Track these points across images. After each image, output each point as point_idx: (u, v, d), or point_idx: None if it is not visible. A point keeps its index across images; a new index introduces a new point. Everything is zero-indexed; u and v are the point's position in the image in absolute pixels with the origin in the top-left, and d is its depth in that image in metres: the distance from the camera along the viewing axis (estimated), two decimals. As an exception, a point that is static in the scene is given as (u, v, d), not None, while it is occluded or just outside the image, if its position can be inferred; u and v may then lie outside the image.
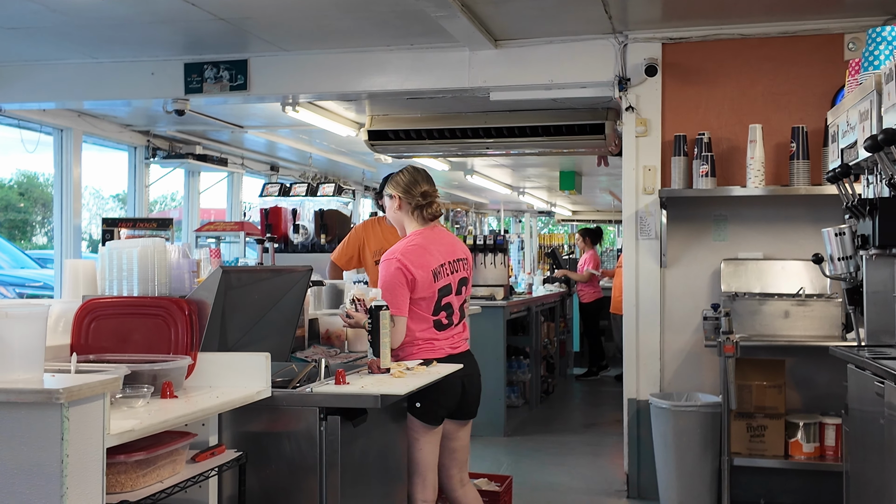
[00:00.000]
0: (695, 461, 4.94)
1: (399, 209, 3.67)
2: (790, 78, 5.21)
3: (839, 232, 3.84)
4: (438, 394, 3.41)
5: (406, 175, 3.69)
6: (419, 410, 3.44)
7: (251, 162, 10.20)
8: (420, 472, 3.49)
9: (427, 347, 3.53)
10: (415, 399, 3.39)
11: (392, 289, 3.42)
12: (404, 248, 3.51)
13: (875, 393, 3.09)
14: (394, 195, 3.67)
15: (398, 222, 3.73)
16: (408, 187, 3.64)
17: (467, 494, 3.76)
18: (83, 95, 6.28)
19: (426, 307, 3.52)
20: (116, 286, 2.97)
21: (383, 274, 3.47)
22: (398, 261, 3.46)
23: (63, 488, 1.93)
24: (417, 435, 3.48)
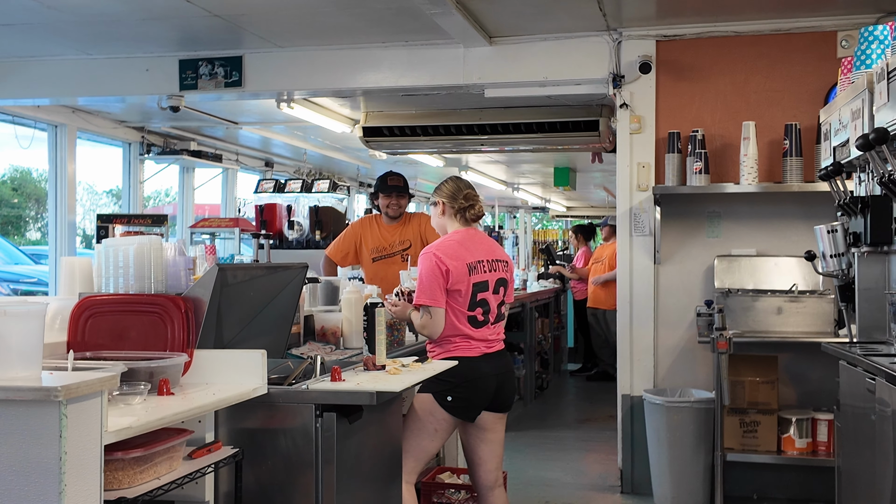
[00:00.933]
0: (688, 456, 4.97)
1: (443, 214, 3.80)
2: (783, 75, 5.23)
3: (831, 229, 3.87)
4: (471, 391, 3.56)
5: (451, 183, 3.85)
6: (450, 404, 3.55)
7: (246, 158, 10.20)
8: (420, 458, 3.60)
9: (464, 345, 3.61)
10: (446, 392, 3.53)
11: (428, 280, 3.55)
12: (440, 243, 3.67)
13: (866, 389, 3.12)
14: (438, 201, 3.81)
15: (441, 227, 3.85)
16: (453, 194, 3.79)
17: (500, 497, 3.83)
18: (78, 91, 6.27)
19: (462, 302, 3.59)
20: (113, 283, 2.98)
21: (421, 269, 3.59)
22: (433, 255, 3.59)
23: (61, 485, 1.94)
24: (437, 427, 3.59)
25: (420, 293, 3.57)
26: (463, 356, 3.58)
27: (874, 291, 3.67)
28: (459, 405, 3.58)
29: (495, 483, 3.80)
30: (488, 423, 3.72)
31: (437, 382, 3.48)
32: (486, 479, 3.78)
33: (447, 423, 3.61)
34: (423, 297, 3.56)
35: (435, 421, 3.59)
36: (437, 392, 3.55)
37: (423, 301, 3.55)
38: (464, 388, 3.56)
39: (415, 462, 3.61)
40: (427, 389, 3.57)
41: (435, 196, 3.86)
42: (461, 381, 3.55)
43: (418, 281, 3.60)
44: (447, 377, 3.45)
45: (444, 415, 3.58)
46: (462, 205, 3.77)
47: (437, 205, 3.82)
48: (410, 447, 3.59)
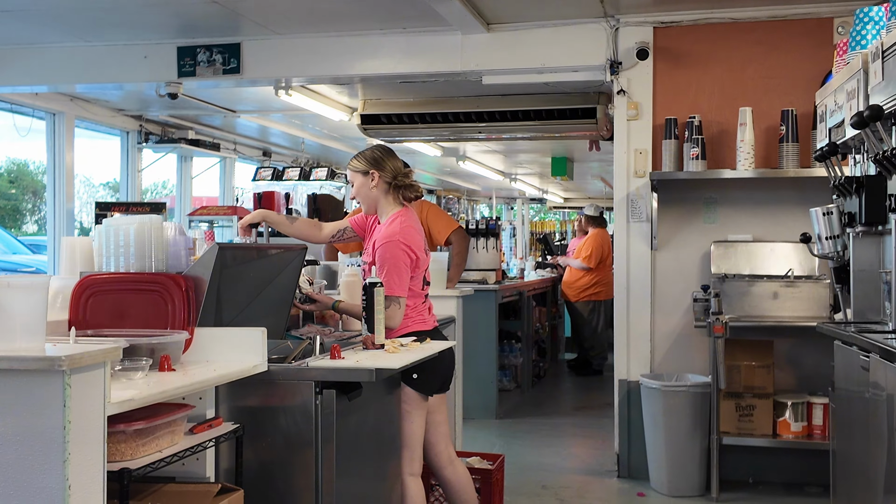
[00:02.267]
0: (684, 440, 5.00)
1: (375, 188, 3.56)
2: (780, 62, 5.26)
3: (827, 211, 3.90)
4: (435, 364, 3.45)
5: (389, 158, 3.61)
6: (416, 382, 3.47)
7: (244, 147, 10.21)
8: (410, 445, 3.52)
9: (419, 319, 3.60)
10: (411, 371, 3.41)
11: (399, 271, 3.44)
12: (402, 231, 3.50)
13: (860, 367, 3.15)
14: (371, 172, 3.55)
15: (370, 201, 3.61)
16: (394, 170, 3.58)
17: (457, 471, 3.78)
18: (76, 79, 6.28)
19: (417, 283, 3.58)
20: (113, 262, 3.00)
21: (388, 256, 3.44)
22: (402, 243, 3.46)
23: (65, 454, 1.96)
24: (410, 408, 3.50)
25: (391, 284, 3.41)
26: (419, 330, 3.55)
27: (869, 273, 3.69)
28: (424, 380, 3.49)
29: (448, 461, 3.76)
30: (433, 405, 3.66)
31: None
32: (439, 460, 3.74)
33: (418, 402, 3.53)
34: (396, 288, 3.43)
35: (407, 403, 3.51)
36: (403, 372, 3.38)
37: (395, 292, 3.42)
38: (428, 362, 3.39)
39: (408, 451, 3.53)
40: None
41: (364, 164, 3.56)
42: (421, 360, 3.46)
43: (386, 271, 3.42)
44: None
45: (412, 394, 3.50)
46: (402, 182, 3.59)
47: (367, 175, 3.55)
48: (401, 438, 3.54)
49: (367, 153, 3.61)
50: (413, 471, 3.53)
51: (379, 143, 3.75)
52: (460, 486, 3.77)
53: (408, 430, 3.52)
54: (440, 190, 16.27)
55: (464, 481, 3.79)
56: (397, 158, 3.65)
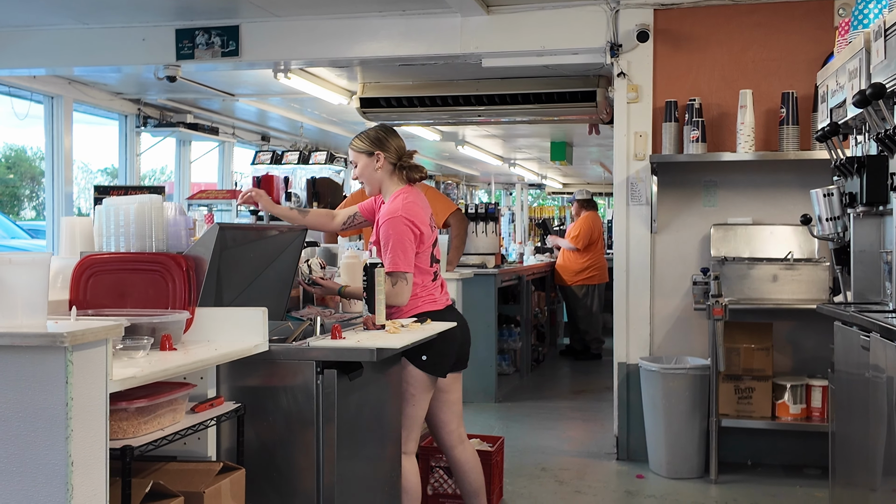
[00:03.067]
0: (683, 423, 5.02)
1: (380, 169, 3.53)
2: (780, 44, 5.24)
3: (827, 193, 3.89)
4: (445, 345, 3.43)
5: (382, 131, 3.58)
6: (426, 363, 3.43)
7: (242, 132, 10.18)
8: (410, 426, 3.50)
9: (429, 299, 3.55)
10: (419, 352, 3.38)
11: (403, 246, 3.40)
12: (405, 206, 3.46)
13: (861, 346, 3.15)
14: (376, 153, 3.52)
15: (374, 182, 3.57)
16: (398, 150, 3.55)
17: (466, 451, 3.76)
18: (74, 61, 6.26)
19: (425, 260, 3.53)
20: (114, 242, 3.00)
21: (391, 232, 3.41)
22: (405, 219, 3.42)
23: (68, 430, 1.97)
24: (415, 390, 3.47)
25: (395, 260, 3.38)
26: (430, 310, 3.51)
27: (869, 254, 3.69)
28: (433, 361, 3.45)
29: (459, 440, 3.74)
30: (447, 384, 3.64)
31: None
32: (450, 440, 3.72)
33: (425, 384, 3.49)
34: (402, 263, 3.39)
35: (412, 385, 3.46)
36: (411, 353, 3.41)
37: (400, 268, 3.39)
38: (438, 342, 3.39)
39: (407, 431, 3.52)
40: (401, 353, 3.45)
41: (368, 145, 3.53)
42: (434, 337, 3.40)
43: (391, 247, 3.40)
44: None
45: (420, 375, 3.46)
46: (407, 163, 3.57)
47: (371, 155, 3.52)
48: (402, 418, 3.52)
49: (370, 133, 3.57)
50: (407, 450, 3.52)
51: (381, 124, 3.68)
52: (469, 466, 3.74)
53: (409, 413, 3.48)
54: (439, 175, 16.26)
55: (472, 462, 3.77)
56: (400, 138, 3.61)
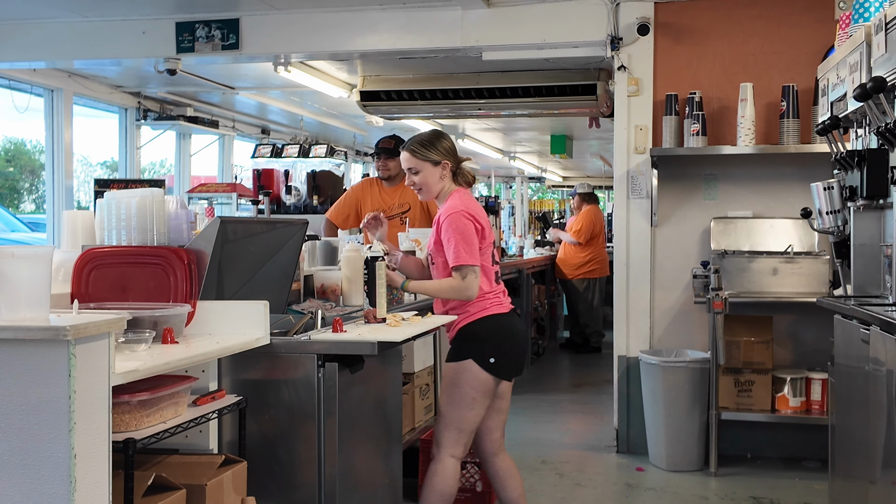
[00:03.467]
0: (683, 416, 5.03)
1: (445, 177, 3.48)
2: (781, 37, 5.24)
3: (827, 186, 3.90)
4: (514, 348, 3.41)
5: (446, 139, 3.52)
6: (493, 366, 3.35)
7: (242, 125, 10.17)
8: (464, 429, 3.40)
9: (496, 301, 3.45)
10: (487, 354, 3.34)
11: (467, 239, 3.31)
12: (464, 203, 3.41)
13: (860, 340, 3.16)
14: (443, 162, 3.47)
15: (436, 190, 3.49)
16: (453, 152, 3.52)
17: (507, 459, 3.65)
18: (74, 54, 6.25)
19: (487, 258, 3.44)
20: (115, 236, 3.00)
21: (455, 227, 3.32)
22: (467, 214, 3.35)
23: (71, 423, 1.97)
24: (477, 394, 3.36)
25: (461, 253, 3.30)
26: (499, 313, 3.42)
27: (869, 247, 3.70)
28: (502, 365, 3.39)
29: (500, 449, 3.64)
30: (503, 390, 3.54)
31: (477, 345, 3.36)
32: (493, 447, 3.61)
33: (488, 387, 3.39)
34: (467, 256, 3.30)
35: (475, 388, 3.36)
36: (478, 356, 3.35)
37: (468, 261, 3.30)
38: (507, 346, 3.39)
39: (457, 433, 3.39)
40: (464, 355, 3.38)
41: (434, 154, 3.46)
42: (504, 339, 3.40)
43: (454, 242, 3.31)
44: (489, 337, 3.37)
45: (487, 378, 3.36)
46: (461, 168, 3.57)
47: (437, 164, 3.46)
48: (451, 419, 3.41)
49: (433, 140, 3.49)
50: (455, 453, 3.43)
51: (435, 129, 3.64)
52: (510, 474, 3.63)
53: (468, 416, 3.39)
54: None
55: (513, 469, 3.65)
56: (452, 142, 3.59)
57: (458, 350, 3.40)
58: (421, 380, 4.60)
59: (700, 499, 4.60)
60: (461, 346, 3.39)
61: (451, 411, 3.40)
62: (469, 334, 3.40)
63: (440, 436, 3.44)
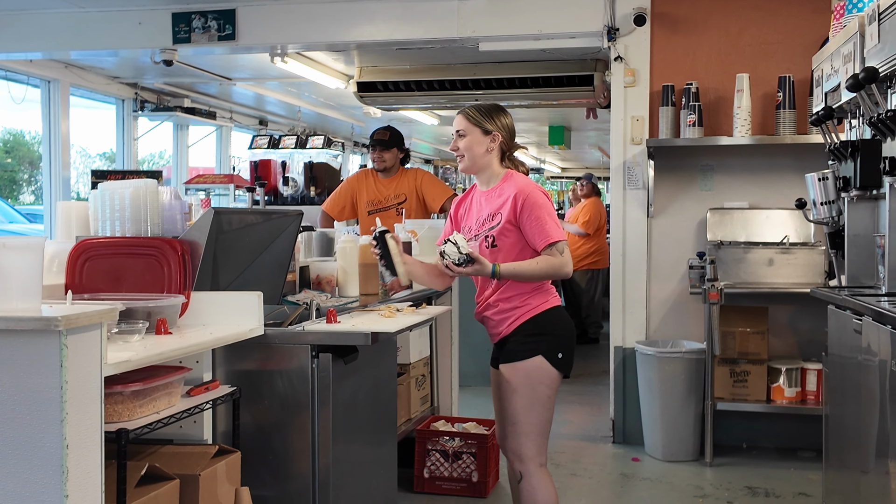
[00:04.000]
0: (679, 406, 5.04)
1: (492, 152, 3.18)
2: (777, 28, 5.23)
3: (822, 177, 3.90)
4: (573, 342, 3.19)
5: (504, 113, 3.24)
6: (561, 361, 3.12)
7: (240, 116, 10.17)
8: (545, 432, 3.16)
9: (553, 293, 3.20)
10: (556, 349, 3.11)
11: (553, 213, 3.09)
12: (530, 182, 3.18)
13: (853, 330, 3.17)
14: (494, 133, 3.17)
15: (479, 163, 3.19)
16: (512, 132, 3.24)
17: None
18: (70, 45, 6.24)
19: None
20: (109, 227, 3.01)
21: (539, 203, 3.07)
22: (538, 189, 3.14)
23: (63, 413, 1.98)
24: (550, 391, 3.12)
25: (553, 228, 3.05)
26: (558, 306, 3.19)
27: (863, 238, 3.71)
28: (568, 361, 3.15)
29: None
30: None
31: (544, 341, 3.10)
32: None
33: (557, 383, 3.14)
34: (558, 231, 3.06)
35: (550, 386, 3.11)
36: (547, 351, 3.09)
37: (561, 236, 3.06)
38: (570, 340, 3.17)
39: (540, 438, 3.14)
40: (533, 352, 3.10)
41: (488, 121, 3.17)
42: (569, 333, 3.18)
43: (540, 219, 3.05)
44: (555, 331, 3.12)
45: (556, 374, 3.11)
46: (513, 153, 3.27)
47: (488, 134, 3.16)
48: (531, 426, 3.11)
49: (491, 109, 3.21)
50: (543, 461, 3.16)
51: (499, 104, 3.29)
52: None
53: (545, 417, 3.13)
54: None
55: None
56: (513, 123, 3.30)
57: (524, 346, 3.10)
58: (417, 370, 4.62)
59: (695, 488, 4.62)
60: (527, 342, 3.10)
61: (529, 416, 3.09)
62: (536, 328, 3.12)
63: (522, 448, 3.13)
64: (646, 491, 4.64)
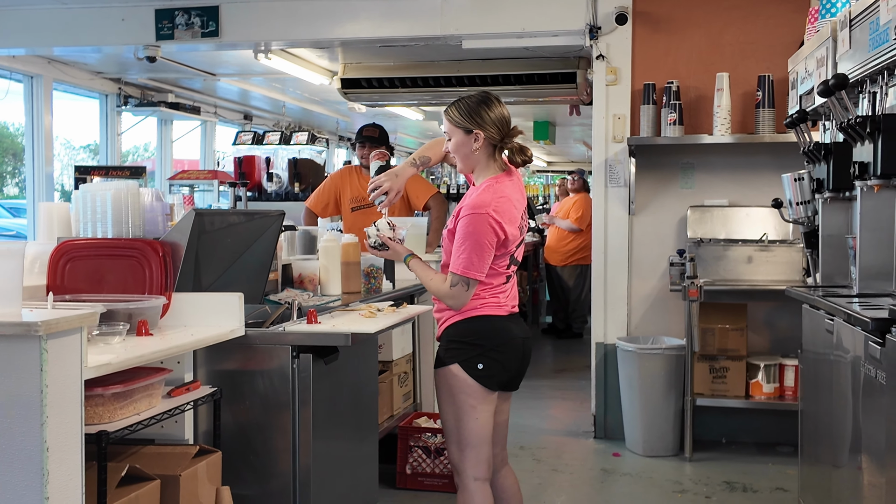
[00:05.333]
0: (659, 402, 5.10)
1: (479, 150, 2.95)
2: (758, 27, 5.28)
3: (798, 177, 3.95)
4: (504, 356, 2.98)
5: (496, 107, 2.95)
6: (481, 372, 2.93)
7: (224, 111, 10.15)
8: (475, 444, 2.96)
9: (493, 303, 2.98)
10: (475, 360, 2.93)
11: (481, 250, 2.85)
12: (496, 201, 2.89)
13: (826, 330, 3.23)
14: (475, 131, 2.93)
15: (470, 163, 2.99)
16: (500, 124, 2.94)
17: (509, 477, 3.24)
18: (53, 42, 6.22)
19: (503, 263, 2.97)
20: (91, 228, 3.03)
21: (471, 230, 2.85)
22: (492, 217, 2.85)
23: (43, 417, 2.01)
24: (475, 402, 2.94)
25: (466, 262, 2.85)
26: (491, 315, 2.96)
27: (837, 238, 3.76)
28: (493, 374, 2.95)
29: (501, 464, 3.21)
30: (499, 402, 3.10)
31: (463, 349, 2.93)
32: (493, 462, 3.11)
33: (482, 394, 2.95)
34: (471, 269, 2.85)
35: (470, 396, 2.93)
36: (464, 360, 2.92)
37: (471, 274, 2.86)
38: (496, 351, 2.95)
39: (471, 450, 2.96)
40: (450, 359, 2.95)
41: (467, 120, 2.92)
42: (494, 345, 2.95)
43: (467, 247, 2.85)
44: (477, 340, 2.94)
45: (476, 386, 2.93)
46: (510, 144, 2.97)
47: (469, 133, 2.93)
48: (458, 436, 2.97)
49: (470, 104, 2.95)
50: (479, 475, 2.99)
51: (484, 91, 3.01)
52: (511, 492, 3.22)
53: (473, 428, 2.95)
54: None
55: (515, 488, 3.25)
56: (504, 110, 3.00)
57: (444, 353, 2.98)
58: (399, 368, 4.66)
59: (674, 484, 4.67)
60: (447, 349, 2.97)
61: (457, 426, 2.98)
62: (455, 335, 2.97)
63: (455, 460, 3.01)
64: (626, 486, 4.69)
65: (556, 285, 9.53)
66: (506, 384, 3.04)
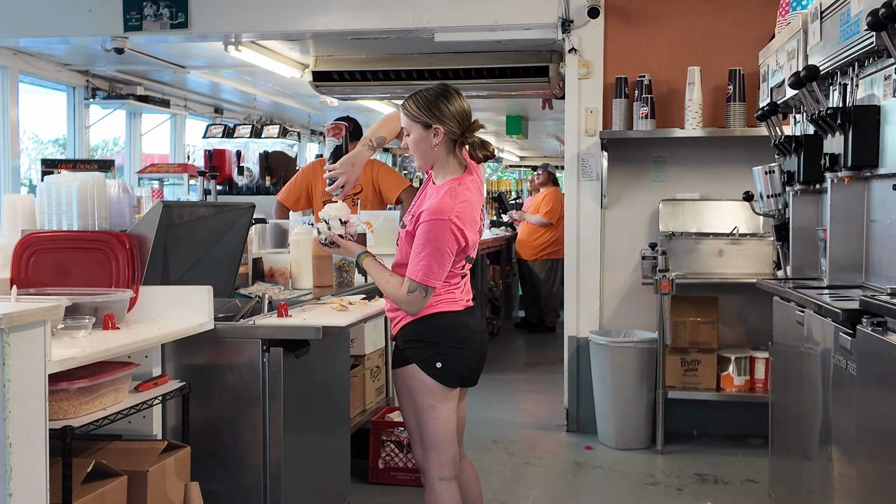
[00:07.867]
0: (631, 395, 5.11)
1: (438, 146, 2.83)
2: (729, 21, 5.31)
3: (768, 170, 3.97)
4: (462, 352, 2.89)
5: (455, 101, 2.82)
6: (440, 371, 2.86)
7: (194, 104, 10.04)
8: (438, 444, 2.90)
9: (448, 298, 2.90)
10: (434, 359, 2.86)
11: (441, 257, 2.77)
12: (458, 206, 2.79)
13: (796, 322, 3.24)
14: (434, 126, 2.80)
15: (429, 160, 2.88)
16: (460, 117, 2.81)
17: (465, 469, 3.16)
18: (18, 32, 6.11)
19: (460, 264, 2.91)
20: (56, 221, 2.97)
21: (431, 237, 2.75)
22: (454, 224, 2.77)
23: (5, 412, 1.96)
24: (435, 401, 2.88)
25: (426, 270, 2.76)
26: (447, 311, 2.88)
27: (807, 230, 3.79)
28: (451, 371, 2.88)
29: (459, 455, 3.11)
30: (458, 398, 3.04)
31: (420, 348, 2.86)
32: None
33: (441, 393, 2.88)
34: (430, 276, 2.77)
35: (429, 396, 2.87)
36: (422, 360, 2.86)
37: (429, 281, 2.77)
38: (455, 348, 2.87)
39: (434, 450, 2.91)
40: (407, 360, 2.89)
41: (426, 115, 2.81)
42: (452, 341, 2.87)
43: (426, 253, 2.76)
44: (434, 338, 2.86)
45: (435, 386, 2.86)
46: (470, 139, 2.84)
47: (429, 129, 2.81)
48: (421, 436, 2.93)
49: (429, 97, 2.83)
50: (445, 474, 2.93)
51: (443, 84, 2.90)
52: (469, 486, 3.15)
53: (434, 427, 2.89)
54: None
55: (472, 481, 3.18)
56: (465, 103, 2.87)
57: (401, 353, 2.90)
58: (371, 362, 4.63)
59: (646, 476, 4.69)
60: (405, 348, 2.89)
61: (418, 425, 2.93)
62: (411, 334, 2.89)
63: (420, 460, 2.98)
64: (598, 479, 4.70)
65: (527, 280, 9.55)
66: (465, 380, 2.97)
